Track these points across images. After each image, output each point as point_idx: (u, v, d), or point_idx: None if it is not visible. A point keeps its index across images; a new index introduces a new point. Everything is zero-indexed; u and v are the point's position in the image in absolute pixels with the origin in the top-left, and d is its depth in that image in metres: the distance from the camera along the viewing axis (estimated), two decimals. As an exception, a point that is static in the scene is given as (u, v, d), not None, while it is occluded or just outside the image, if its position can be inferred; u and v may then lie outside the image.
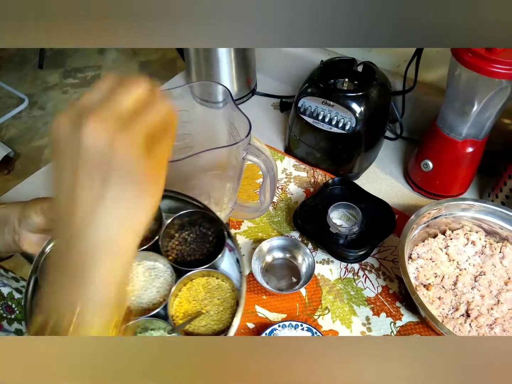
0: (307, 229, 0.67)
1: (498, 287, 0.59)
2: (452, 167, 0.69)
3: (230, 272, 0.55)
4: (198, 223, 0.58)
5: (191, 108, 0.58)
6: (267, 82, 0.99)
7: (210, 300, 0.52)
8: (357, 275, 0.64)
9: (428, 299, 0.58)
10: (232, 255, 0.56)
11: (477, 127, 0.64)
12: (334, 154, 0.76)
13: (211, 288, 0.53)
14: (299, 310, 0.61)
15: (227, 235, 0.53)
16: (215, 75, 0.89)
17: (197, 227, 0.58)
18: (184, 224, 0.58)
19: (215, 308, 0.51)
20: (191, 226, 0.58)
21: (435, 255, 0.62)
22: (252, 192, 0.76)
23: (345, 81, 0.74)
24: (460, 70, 0.58)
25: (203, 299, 0.52)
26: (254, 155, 0.52)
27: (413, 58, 0.70)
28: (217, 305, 0.52)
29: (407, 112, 0.81)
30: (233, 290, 0.52)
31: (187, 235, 0.58)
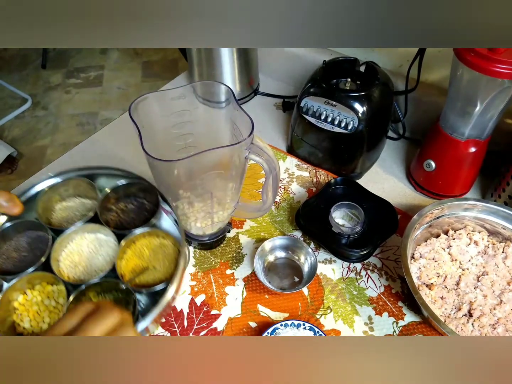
0: (309, 228, 0.67)
1: (500, 287, 0.59)
2: (455, 167, 0.69)
3: (171, 231, 0.58)
4: (133, 193, 0.62)
5: (193, 108, 0.58)
6: (269, 82, 0.99)
7: (155, 257, 0.56)
8: (359, 274, 0.64)
9: (430, 298, 0.58)
10: (170, 217, 0.59)
11: (479, 127, 0.64)
12: (337, 154, 0.76)
13: (154, 247, 0.57)
14: (301, 310, 0.61)
15: (161, 200, 0.57)
16: (218, 76, 0.90)
17: (132, 198, 0.62)
18: (120, 196, 0.61)
19: (160, 263, 0.56)
20: (127, 198, 0.62)
21: (437, 255, 0.62)
22: (254, 191, 0.76)
23: (347, 81, 0.74)
24: (463, 70, 0.58)
25: (148, 257, 0.56)
26: (257, 154, 0.52)
27: (415, 58, 0.70)
28: (162, 260, 0.56)
29: (410, 112, 0.81)
30: (175, 244, 0.56)
31: (124, 207, 0.61)
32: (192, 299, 0.62)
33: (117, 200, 0.61)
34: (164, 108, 0.56)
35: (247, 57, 0.90)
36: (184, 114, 0.57)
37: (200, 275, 0.64)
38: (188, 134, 0.60)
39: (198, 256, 0.67)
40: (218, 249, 0.68)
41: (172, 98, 0.55)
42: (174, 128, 0.58)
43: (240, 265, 0.66)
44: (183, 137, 0.60)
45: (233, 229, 0.70)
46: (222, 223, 0.64)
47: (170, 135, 0.59)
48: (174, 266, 0.54)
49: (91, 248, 0.57)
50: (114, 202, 0.61)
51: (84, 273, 0.55)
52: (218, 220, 0.62)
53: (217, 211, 0.61)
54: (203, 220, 0.61)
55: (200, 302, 0.61)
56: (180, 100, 0.56)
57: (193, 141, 0.61)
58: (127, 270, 0.55)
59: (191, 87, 0.57)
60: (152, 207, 0.60)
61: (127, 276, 0.54)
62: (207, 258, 0.67)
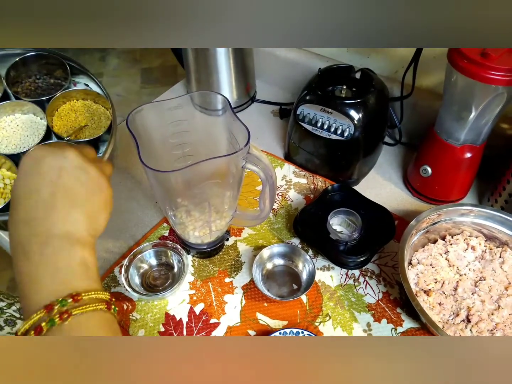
0: (307, 235, 0.68)
1: (498, 292, 0.59)
2: (451, 173, 0.69)
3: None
4: (39, 66, 0.69)
5: (190, 117, 0.58)
6: (266, 89, 1.00)
7: (91, 118, 0.69)
8: (357, 281, 0.65)
9: (428, 305, 0.58)
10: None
11: (475, 132, 0.64)
12: (334, 160, 0.76)
13: (92, 110, 0.70)
14: (300, 317, 0.61)
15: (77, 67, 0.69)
16: (215, 83, 0.90)
17: (37, 71, 0.70)
18: (29, 71, 0.70)
19: (95, 123, 0.69)
20: (32, 72, 0.70)
21: (435, 261, 0.62)
22: (252, 199, 0.77)
23: (343, 88, 0.75)
24: (456, 76, 0.58)
25: (83, 118, 0.68)
26: (253, 163, 0.53)
27: (410, 64, 0.71)
28: (96, 121, 0.69)
29: (406, 118, 0.81)
30: (108, 109, 0.70)
31: (36, 80, 0.70)
32: (191, 308, 0.62)
33: (25, 76, 0.70)
34: (161, 118, 0.56)
35: (243, 65, 0.91)
36: (181, 124, 0.58)
37: (199, 284, 0.65)
38: (186, 144, 0.61)
39: (197, 264, 0.67)
40: (217, 257, 0.68)
41: (169, 108, 0.56)
42: (172, 137, 0.59)
43: (238, 273, 0.66)
44: (181, 146, 0.61)
45: (232, 237, 0.70)
46: (220, 232, 0.64)
47: (167, 144, 0.60)
48: (107, 127, 0.67)
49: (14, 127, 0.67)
50: (24, 78, 0.70)
51: (19, 143, 0.65)
52: (216, 229, 0.62)
53: (215, 220, 0.61)
54: (201, 229, 0.62)
55: (199, 311, 0.62)
56: (177, 110, 0.57)
57: (190, 150, 0.61)
58: (63, 130, 0.67)
59: (189, 97, 0.57)
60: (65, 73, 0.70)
61: (64, 133, 0.64)
62: (205, 266, 0.67)
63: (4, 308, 0.56)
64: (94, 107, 0.71)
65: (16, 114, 0.68)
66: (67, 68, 0.69)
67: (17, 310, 0.57)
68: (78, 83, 0.72)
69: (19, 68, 0.68)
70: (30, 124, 0.67)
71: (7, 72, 0.67)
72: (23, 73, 0.70)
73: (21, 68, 0.69)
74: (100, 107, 0.72)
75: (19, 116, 0.68)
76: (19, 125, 0.67)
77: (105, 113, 0.71)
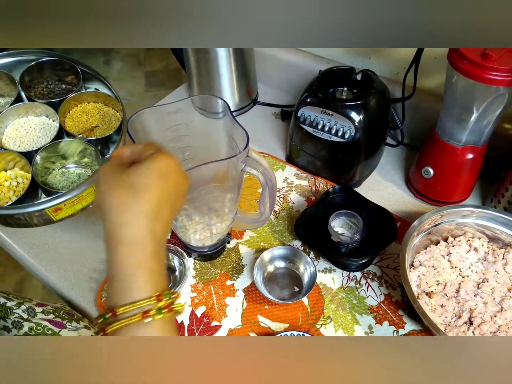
0: (308, 238, 0.67)
1: (501, 294, 0.59)
2: (453, 174, 0.69)
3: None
4: (52, 71, 0.72)
5: (190, 121, 0.58)
6: (268, 91, 1.00)
7: (101, 119, 0.71)
8: (359, 283, 0.64)
9: (430, 307, 0.58)
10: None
11: (476, 133, 0.64)
12: (335, 162, 0.76)
13: (102, 112, 0.72)
14: (301, 320, 0.61)
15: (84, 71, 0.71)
16: (216, 86, 0.91)
17: (49, 77, 0.72)
18: (42, 77, 0.72)
19: (105, 124, 0.71)
20: (45, 78, 0.73)
21: (437, 263, 0.62)
22: (254, 201, 0.77)
23: (344, 90, 0.74)
24: (457, 77, 0.58)
25: (94, 119, 0.70)
26: (253, 167, 0.53)
27: (411, 65, 0.71)
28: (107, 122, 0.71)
29: (408, 119, 0.81)
30: (118, 110, 0.72)
31: (48, 85, 0.72)
32: (193, 310, 0.62)
33: (36, 82, 0.72)
34: (161, 122, 0.57)
35: (245, 68, 0.91)
36: (182, 128, 0.58)
37: (200, 287, 0.65)
38: (186, 147, 0.61)
39: (199, 267, 0.67)
40: (218, 260, 0.68)
41: (169, 113, 0.56)
42: (172, 141, 0.59)
43: (240, 276, 0.66)
44: (181, 150, 0.61)
45: (233, 239, 0.71)
46: (221, 235, 0.64)
47: (168, 148, 0.60)
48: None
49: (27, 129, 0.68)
50: (35, 84, 0.72)
51: (32, 143, 0.66)
52: (217, 232, 0.63)
53: (216, 223, 0.61)
54: (202, 232, 0.62)
55: (200, 314, 0.62)
56: (177, 114, 0.57)
57: (191, 153, 0.62)
58: (75, 131, 0.68)
59: (190, 101, 0.58)
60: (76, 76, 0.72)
61: (76, 132, 0.66)
62: (207, 269, 0.67)
63: (13, 308, 0.57)
64: (105, 109, 0.73)
65: (29, 117, 0.69)
66: (79, 73, 0.71)
67: (25, 310, 0.57)
68: (89, 88, 0.74)
69: (33, 73, 0.70)
70: (42, 125, 0.69)
71: (21, 76, 0.69)
72: (36, 78, 0.72)
73: (35, 73, 0.71)
74: (110, 109, 0.73)
75: (32, 119, 0.69)
76: (32, 127, 0.68)
77: (115, 115, 0.73)
